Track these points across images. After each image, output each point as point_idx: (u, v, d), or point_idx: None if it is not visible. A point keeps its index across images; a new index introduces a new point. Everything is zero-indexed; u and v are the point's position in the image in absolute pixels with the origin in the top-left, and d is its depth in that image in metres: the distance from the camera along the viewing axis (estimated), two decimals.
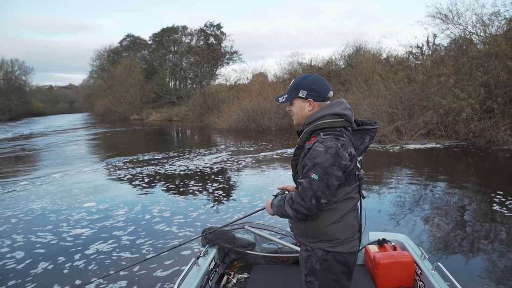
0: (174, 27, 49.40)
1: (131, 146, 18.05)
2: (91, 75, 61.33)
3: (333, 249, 1.78)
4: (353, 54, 24.94)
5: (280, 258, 3.18)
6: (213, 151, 13.82)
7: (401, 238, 3.16)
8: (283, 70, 29.10)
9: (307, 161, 1.72)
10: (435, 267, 2.56)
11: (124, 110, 43.65)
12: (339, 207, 1.78)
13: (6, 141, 21.79)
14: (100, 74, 54.90)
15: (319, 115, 1.80)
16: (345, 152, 1.69)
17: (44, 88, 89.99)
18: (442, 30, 14.82)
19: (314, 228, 1.80)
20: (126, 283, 3.85)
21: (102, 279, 3.89)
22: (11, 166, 12.72)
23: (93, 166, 11.57)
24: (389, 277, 2.73)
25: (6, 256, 4.68)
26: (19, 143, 20.61)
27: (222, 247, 3.18)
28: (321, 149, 1.68)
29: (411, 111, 13.88)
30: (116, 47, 55.76)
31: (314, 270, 1.82)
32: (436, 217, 5.67)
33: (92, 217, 6.19)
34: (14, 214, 6.50)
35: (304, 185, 1.69)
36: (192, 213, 6.24)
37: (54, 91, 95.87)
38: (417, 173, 8.95)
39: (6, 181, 9.66)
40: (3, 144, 20.32)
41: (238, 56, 46.22)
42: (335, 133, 1.72)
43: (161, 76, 45.71)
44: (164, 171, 10.07)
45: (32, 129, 33.37)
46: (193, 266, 2.77)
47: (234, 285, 2.94)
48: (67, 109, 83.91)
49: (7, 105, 57.39)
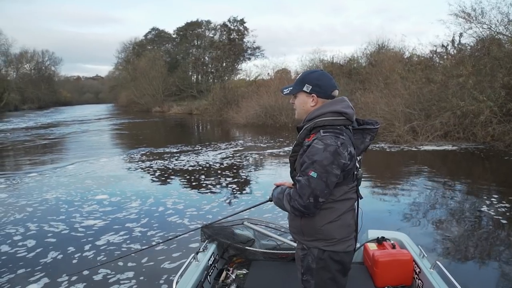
0: (198, 22, 49.79)
1: (150, 138, 18.40)
2: (116, 67, 62.76)
3: (329, 248, 1.78)
4: (375, 52, 24.54)
5: (279, 255, 3.18)
6: (230, 145, 13.93)
7: (400, 236, 3.16)
8: (304, 67, 28.93)
9: (306, 158, 1.70)
10: (434, 265, 2.57)
11: (147, 102, 44.48)
12: (337, 206, 1.77)
13: (30, 130, 22.57)
14: (125, 66, 56.05)
15: (319, 112, 1.79)
16: (344, 150, 1.68)
17: (72, 79, 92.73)
18: (465, 29, 14.47)
19: (310, 226, 1.79)
20: (133, 274, 3.89)
21: (110, 270, 3.94)
22: (32, 155, 13.16)
23: (111, 157, 11.78)
24: (387, 275, 2.74)
25: (18, 244, 4.77)
26: (42, 132, 21.28)
27: (221, 242, 3.19)
28: (320, 147, 1.66)
29: (428, 112, 13.59)
30: (141, 40, 56.81)
31: (310, 269, 1.82)
32: (448, 220, 5.54)
33: (105, 208, 6.23)
34: (29, 203, 6.57)
35: (302, 182, 1.68)
36: (205, 206, 6.30)
37: (81, 82, 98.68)
38: (432, 175, 8.79)
39: (24, 171, 10.03)
40: (27, 132, 21.09)
41: (260, 51, 46.35)
42: (335, 131, 1.71)
43: (184, 70, 46.22)
44: (179, 164, 10.18)
45: (57, 118, 34.48)
46: (192, 261, 2.79)
47: (233, 280, 2.94)
48: (93, 99, 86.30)
49: (36, 95, 59.46)
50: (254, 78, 32.70)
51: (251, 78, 33.96)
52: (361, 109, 15.62)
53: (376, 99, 15.21)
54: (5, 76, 53.55)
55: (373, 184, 7.90)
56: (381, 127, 13.65)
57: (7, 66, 55.05)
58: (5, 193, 7.36)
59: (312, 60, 28.30)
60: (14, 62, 57.16)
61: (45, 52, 66.79)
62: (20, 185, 8.08)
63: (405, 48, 21.51)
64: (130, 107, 49.23)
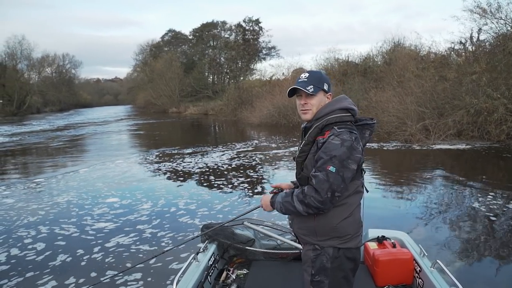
0: (213, 23, 50.24)
1: (165, 139, 18.67)
2: (134, 69, 63.87)
3: (344, 246, 1.79)
4: (390, 50, 24.20)
5: (280, 255, 3.17)
6: (244, 145, 14.04)
7: (401, 235, 3.15)
8: (318, 66, 28.78)
9: (323, 154, 1.70)
10: (434, 264, 2.56)
11: (163, 103, 45.18)
12: (350, 201, 1.79)
13: (47, 132, 23.10)
14: (143, 67, 56.97)
15: (328, 109, 1.81)
16: (358, 145, 1.72)
17: (92, 81, 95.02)
18: (480, 25, 14.12)
19: (326, 225, 1.79)
20: (141, 275, 3.89)
21: (118, 271, 3.91)
22: (47, 158, 13.50)
23: (126, 159, 11.89)
24: (388, 274, 2.73)
25: (28, 247, 4.77)
26: (57, 134, 21.78)
27: (221, 243, 3.18)
28: (337, 142, 1.68)
29: (441, 110, 13.39)
30: (158, 41, 57.65)
31: (325, 269, 1.80)
32: (456, 220, 5.45)
33: (117, 211, 6.20)
34: (40, 207, 6.58)
35: (320, 177, 1.67)
36: (216, 205, 6.34)
37: (101, 84, 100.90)
38: (443, 174, 8.68)
39: (37, 174, 10.30)
40: (43, 135, 21.62)
41: (276, 51, 46.42)
42: (347, 127, 1.75)
43: (200, 71, 46.64)
44: (191, 165, 10.25)
45: (75, 120, 35.24)
46: (193, 261, 2.77)
47: (233, 281, 2.93)
48: (112, 101, 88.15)
49: (57, 97, 61.12)
50: (269, 78, 32.72)
51: (266, 78, 34.00)
52: (374, 108, 15.49)
53: (388, 97, 15.03)
54: (27, 80, 55.08)
55: (381, 183, 7.86)
56: (393, 126, 13.61)
57: (29, 70, 56.68)
58: (17, 196, 7.41)
59: (327, 59, 28.17)
60: (36, 66, 58.77)
61: (65, 55, 68.60)
62: (33, 189, 8.10)
63: (421, 46, 21.17)
64: (147, 108, 50.11)
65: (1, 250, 4.69)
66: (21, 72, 53.95)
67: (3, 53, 52.40)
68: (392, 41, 24.84)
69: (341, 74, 25.10)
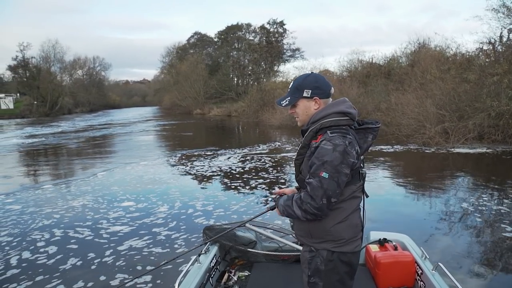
0: (238, 25, 50.66)
1: (187, 140, 19.03)
2: (161, 71, 65.23)
3: (337, 249, 1.77)
4: (415, 51, 23.72)
5: (281, 257, 3.18)
6: (264, 146, 14.15)
7: (402, 238, 3.14)
8: (341, 68, 28.59)
9: (315, 159, 1.69)
10: (436, 267, 2.56)
11: (188, 105, 45.95)
12: (345, 206, 1.77)
13: (71, 133, 23.79)
14: (169, 70, 58.17)
15: (324, 113, 1.79)
16: (352, 149, 1.69)
17: (121, 83, 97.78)
18: (505, 24, 13.63)
19: (319, 228, 1.79)
20: (151, 278, 3.87)
21: (127, 274, 3.92)
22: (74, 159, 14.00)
23: (153, 160, 11.83)
24: (389, 276, 2.73)
25: (40, 250, 4.75)
26: (80, 135, 22.34)
27: (223, 244, 3.19)
28: (329, 147, 1.66)
29: (461, 113, 13.09)
30: (184, 44, 58.69)
31: (319, 271, 1.80)
32: (479, 229, 5.30)
33: (133, 214, 6.14)
34: (54, 211, 6.46)
35: (314, 184, 1.66)
36: (233, 206, 6.38)
37: (130, 86, 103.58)
38: (463, 179, 8.52)
39: (55, 178, 10.43)
40: (66, 136, 22.38)
41: (300, 53, 46.36)
42: (341, 131, 1.72)
43: (224, 73, 47.11)
44: (210, 166, 10.33)
45: (101, 121, 36.13)
46: (195, 263, 2.77)
47: (235, 282, 2.93)
48: (140, 102, 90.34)
49: (87, 98, 63.25)
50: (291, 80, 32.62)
51: (289, 80, 33.99)
52: (394, 110, 15.28)
53: (408, 100, 14.80)
54: (60, 82, 57.33)
55: (398, 186, 7.84)
56: (412, 129, 13.39)
57: (62, 72, 59.01)
58: (30, 201, 7.21)
59: (350, 60, 27.92)
60: (68, 69, 61.16)
61: (96, 58, 71.20)
62: (45, 194, 7.84)
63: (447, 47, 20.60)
64: (172, 109, 51.12)
65: (14, 253, 4.71)
66: (54, 75, 56.22)
67: (38, 57, 54.94)
68: (416, 42, 24.39)
69: (364, 75, 24.86)
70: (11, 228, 5.61)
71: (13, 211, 6.53)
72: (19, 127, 30.88)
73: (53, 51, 55.69)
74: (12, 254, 4.68)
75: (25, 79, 54.63)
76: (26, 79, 54.55)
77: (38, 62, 55.02)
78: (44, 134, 22.63)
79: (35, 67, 54.57)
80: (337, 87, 22.46)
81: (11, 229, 5.59)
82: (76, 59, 64.30)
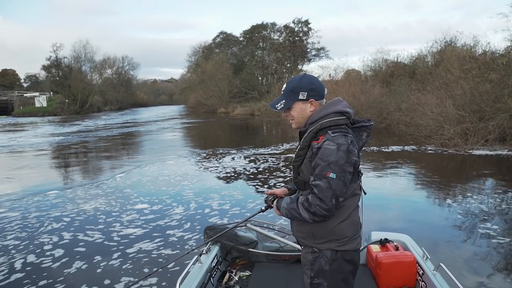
0: (263, 24, 50.70)
1: (209, 138, 19.34)
2: (188, 70, 66.23)
3: (341, 248, 1.78)
4: (441, 50, 23.08)
5: (282, 257, 3.19)
6: (287, 145, 14.16)
7: (404, 238, 3.14)
8: (366, 67, 28.20)
9: (320, 160, 1.68)
10: (437, 267, 2.56)
11: (213, 104, 46.49)
12: (347, 204, 1.78)
13: (95, 131, 24.40)
14: (195, 69, 58.99)
15: (322, 113, 1.79)
16: (354, 148, 1.71)
17: (149, 82, 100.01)
18: None
19: (323, 228, 1.79)
20: (156, 280, 3.86)
21: (133, 277, 3.90)
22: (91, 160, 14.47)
23: (176, 158, 11.85)
24: (391, 277, 2.74)
25: (46, 254, 4.67)
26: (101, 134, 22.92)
27: (224, 244, 3.20)
28: (333, 147, 1.66)
29: (481, 114, 12.71)
30: (210, 43, 59.33)
31: (323, 271, 1.80)
32: (498, 235, 5.11)
33: (147, 216, 6.02)
34: (64, 214, 6.29)
35: (322, 186, 1.65)
36: (249, 204, 6.43)
37: (157, 84, 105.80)
38: (483, 182, 8.31)
39: (74, 180, 10.52)
40: (89, 134, 22.98)
41: (325, 52, 45.93)
42: (342, 130, 1.72)
43: (249, 72, 47.32)
44: (228, 164, 10.44)
45: (126, 118, 37.00)
46: (196, 263, 2.78)
47: (236, 282, 2.94)
48: (167, 101, 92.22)
49: (116, 97, 65.21)
50: None
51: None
52: (414, 110, 15.03)
53: (428, 100, 14.52)
54: (90, 81, 59.34)
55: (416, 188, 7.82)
56: (430, 130, 13.09)
57: (92, 71, 61.07)
58: (41, 203, 7.01)
59: (375, 59, 27.51)
60: (98, 68, 63.16)
61: (125, 57, 72.90)
62: (58, 196, 7.55)
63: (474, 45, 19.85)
64: (197, 108, 51.85)
65: (19, 256, 4.62)
66: (85, 74, 58.33)
67: (70, 57, 57.13)
68: (443, 40, 23.73)
69: (388, 75, 24.42)
70: (18, 232, 5.49)
71: (15, 217, 6.23)
72: (51, 124, 32.11)
73: (83, 51, 57.93)
74: (17, 257, 4.61)
75: (57, 78, 56.73)
76: (58, 78, 56.68)
77: (69, 62, 57.24)
78: (71, 132, 23.26)
79: (67, 67, 56.72)
80: (359, 87, 22.27)
81: (18, 232, 5.48)
82: (105, 58, 66.29)
